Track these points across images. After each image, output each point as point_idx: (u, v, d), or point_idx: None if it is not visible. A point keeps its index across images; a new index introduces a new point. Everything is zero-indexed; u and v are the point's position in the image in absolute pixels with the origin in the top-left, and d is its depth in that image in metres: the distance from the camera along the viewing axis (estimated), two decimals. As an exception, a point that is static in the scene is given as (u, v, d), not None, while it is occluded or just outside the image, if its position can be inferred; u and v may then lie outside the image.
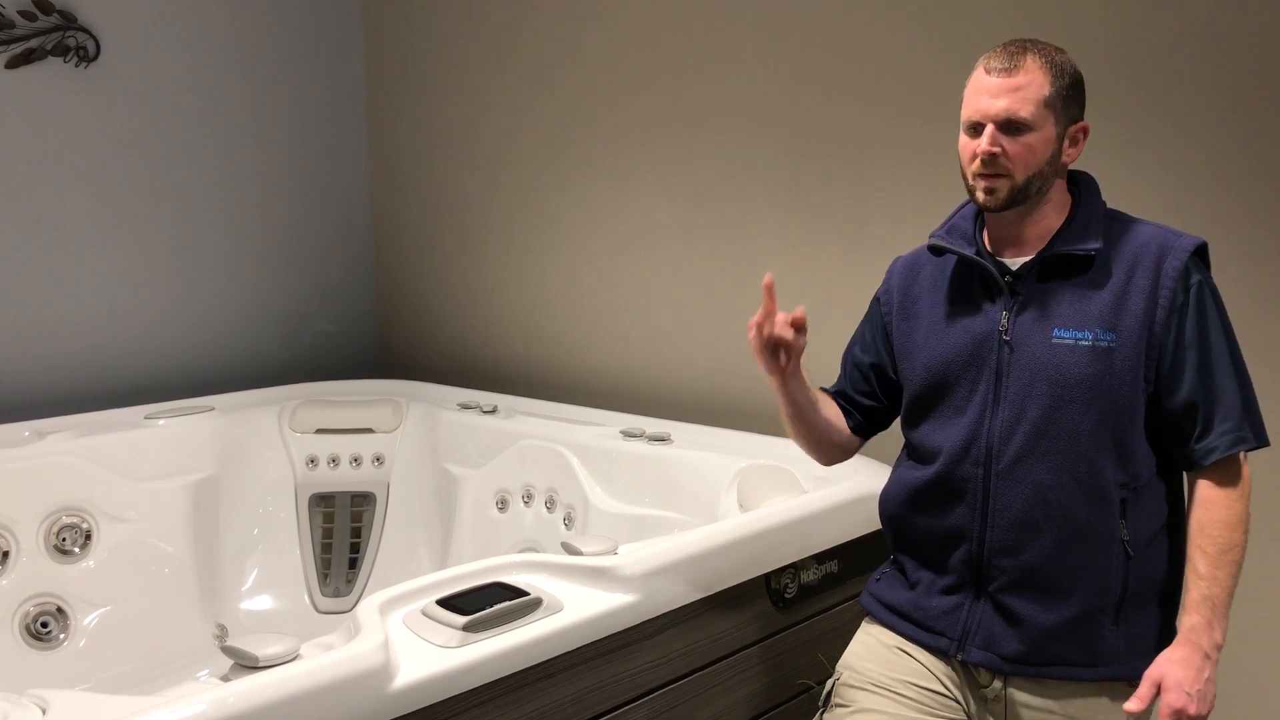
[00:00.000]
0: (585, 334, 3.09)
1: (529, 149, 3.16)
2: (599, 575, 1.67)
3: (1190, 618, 1.42)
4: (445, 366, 3.51)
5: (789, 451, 2.40)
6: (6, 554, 2.46)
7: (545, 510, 2.68)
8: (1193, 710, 1.37)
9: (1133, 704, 1.39)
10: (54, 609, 2.50)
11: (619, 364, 3.01)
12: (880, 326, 1.72)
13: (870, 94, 2.44)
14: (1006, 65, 1.47)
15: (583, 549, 1.74)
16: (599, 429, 2.70)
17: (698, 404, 2.83)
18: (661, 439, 2.57)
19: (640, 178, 2.89)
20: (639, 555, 1.71)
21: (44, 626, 2.48)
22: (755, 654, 1.90)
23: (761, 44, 2.60)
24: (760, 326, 1.59)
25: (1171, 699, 1.37)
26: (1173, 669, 1.39)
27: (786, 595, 1.95)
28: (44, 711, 1.30)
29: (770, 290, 1.58)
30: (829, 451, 1.78)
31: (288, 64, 3.38)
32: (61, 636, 2.50)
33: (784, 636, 1.95)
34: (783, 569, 1.93)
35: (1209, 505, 1.46)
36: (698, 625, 1.78)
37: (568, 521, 2.61)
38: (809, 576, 1.99)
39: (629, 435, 2.62)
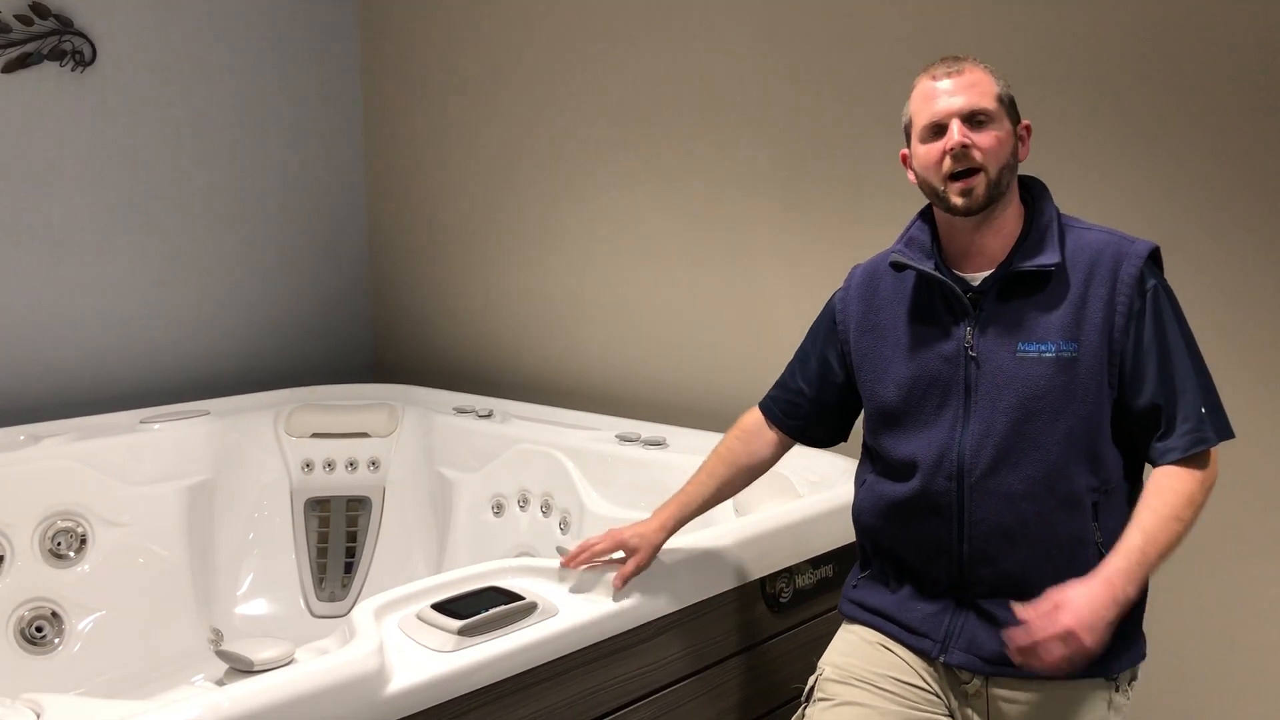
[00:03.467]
0: (581, 339, 3.09)
1: (524, 154, 3.17)
2: (594, 580, 1.67)
3: (1116, 560, 1.38)
4: (441, 371, 3.51)
5: (786, 456, 2.40)
6: (1, 558, 2.45)
7: (541, 514, 2.68)
8: (1083, 638, 1.32)
9: (1022, 611, 1.36)
10: (49, 613, 2.50)
11: (615, 369, 3.02)
12: (833, 331, 1.72)
13: (868, 102, 2.45)
14: (954, 69, 1.51)
15: (578, 553, 1.74)
16: (594, 433, 2.70)
17: (693, 409, 2.83)
18: (657, 443, 2.57)
19: (636, 183, 2.90)
20: (634, 559, 1.71)
21: (39, 631, 2.47)
22: (751, 658, 1.90)
23: (761, 51, 2.61)
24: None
25: (1065, 618, 1.32)
26: (1078, 597, 1.35)
27: (782, 600, 1.95)
28: (38, 716, 1.30)
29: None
30: (752, 477, 1.81)
31: (283, 70, 3.38)
32: (56, 641, 2.49)
33: (779, 641, 1.96)
34: (778, 573, 1.94)
35: (1170, 476, 1.44)
36: (693, 629, 1.78)
37: (563, 526, 2.61)
38: (804, 581, 2.00)
39: (625, 440, 2.62)
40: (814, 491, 2.16)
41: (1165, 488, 1.44)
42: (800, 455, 2.36)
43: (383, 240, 3.64)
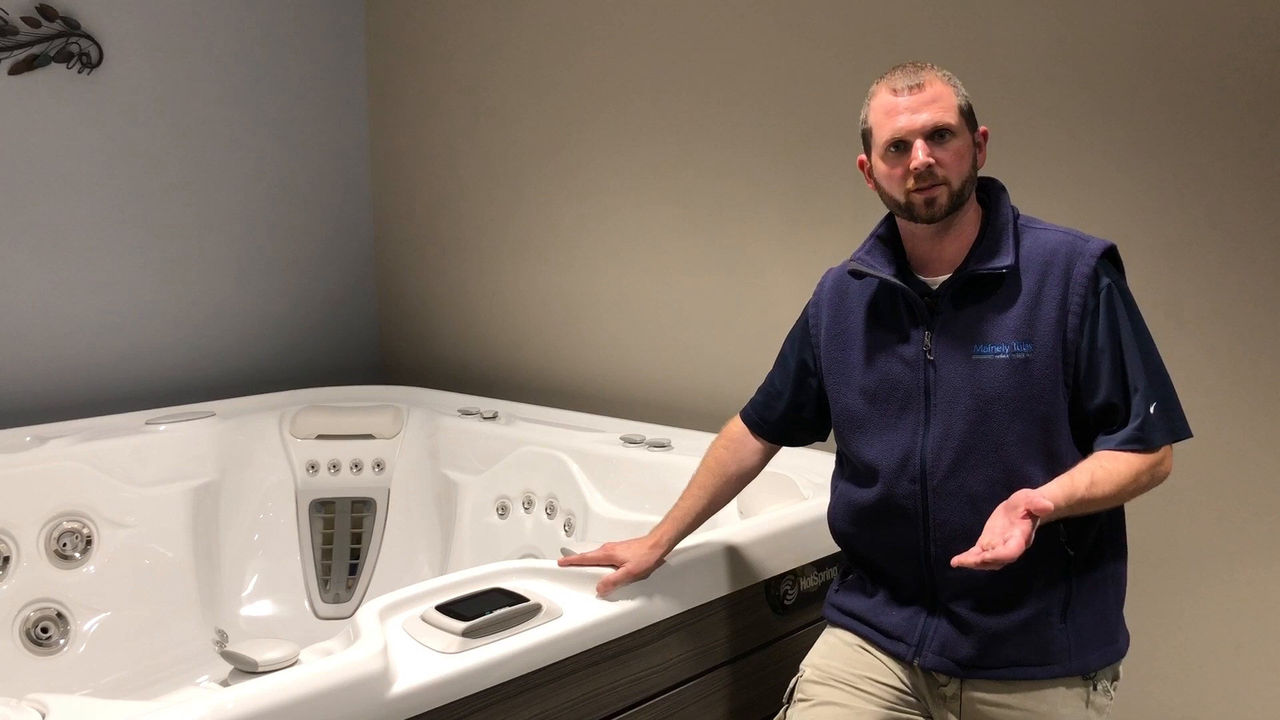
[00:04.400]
0: (585, 341, 3.09)
1: (530, 156, 3.17)
2: (598, 581, 1.67)
3: (1055, 489, 1.37)
4: (445, 372, 3.51)
5: (788, 459, 2.41)
6: (7, 559, 2.46)
7: (545, 516, 2.68)
8: (1023, 513, 1.33)
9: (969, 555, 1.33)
10: (54, 614, 2.50)
11: (619, 371, 3.02)
12: (806, 336, 1.74)
13: (870, 102, 2.45)
14: (914, 82, 1.50)
15: (582, 555, 1.73)
16: (599, 435, 2.70)
17: (698, 411, 2.83)
18: (661, 446, 2.57)
19: (641, 184, 2.90)
20: (638, 561, 1.70)
21: (44, 632, 2.48)
22: (755, 660, 1.90)
23: (762, 50, 2.61)
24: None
25: (1009, 513, 1.34)
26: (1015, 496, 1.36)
27: (786, 602, 1.95)
28: (44, 716, 1.30)
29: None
30: (743, 484, 1.83)
31: (290, 71, 3.39)
32: (62, 642, 2.50)
33: (784, 643, 1.95)
34: (782, 575, 1.94)
35: (1118, 457, 1.44)
36: (697, 632, 1.78)
37: (568, 528, 2.61)
38: (808, 583, 2.00)
39: (629, 442, 2.62)
40: (818, 494, 2.16)
41: (1119, 458, 1.43)
42: (804, 457, 2.37)
43: (388, 242, 3.65)
